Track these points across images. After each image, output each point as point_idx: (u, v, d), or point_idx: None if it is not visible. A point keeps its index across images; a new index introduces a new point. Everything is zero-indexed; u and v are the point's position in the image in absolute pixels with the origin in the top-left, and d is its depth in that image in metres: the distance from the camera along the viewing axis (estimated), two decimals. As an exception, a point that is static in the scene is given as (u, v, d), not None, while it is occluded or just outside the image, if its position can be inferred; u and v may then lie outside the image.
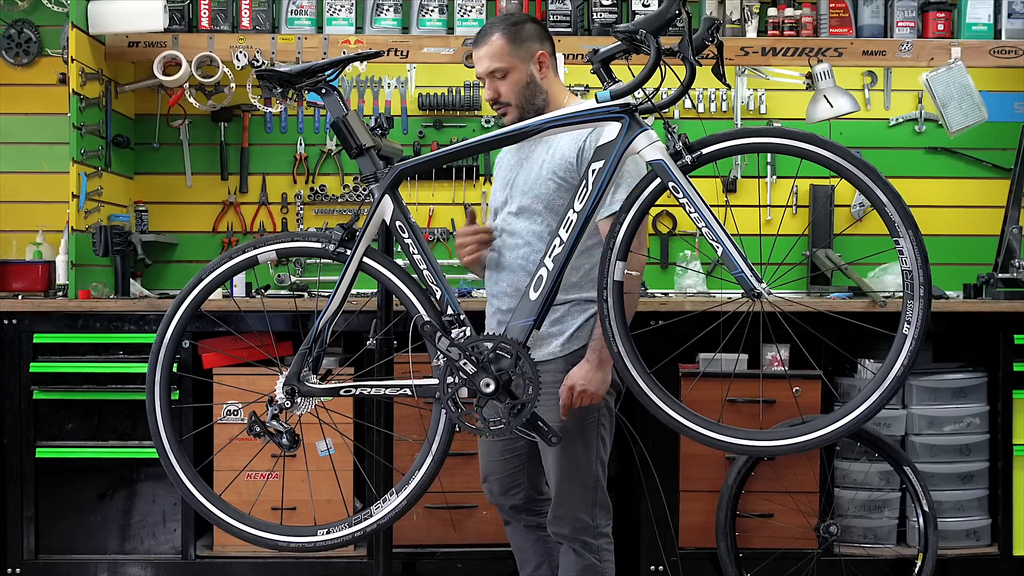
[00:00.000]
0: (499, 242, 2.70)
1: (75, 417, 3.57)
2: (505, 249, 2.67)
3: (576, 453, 2.63)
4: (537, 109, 2.61)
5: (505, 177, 2.73)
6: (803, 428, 2.13)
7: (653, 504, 3.47)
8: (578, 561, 2.66)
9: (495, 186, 2.78)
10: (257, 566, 3.50)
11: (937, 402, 3.61)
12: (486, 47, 2.61)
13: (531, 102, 2.62)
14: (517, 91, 2.61)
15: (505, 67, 2.60)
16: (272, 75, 2.26)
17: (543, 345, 2.61)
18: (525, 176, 2.66)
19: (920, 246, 2.00)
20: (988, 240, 4.02)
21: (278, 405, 2.28)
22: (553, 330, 2.61)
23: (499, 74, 2.60)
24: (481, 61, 2.62)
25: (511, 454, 2.76)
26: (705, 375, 3.39)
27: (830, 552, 3.50)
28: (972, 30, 3.99)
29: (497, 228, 2.72)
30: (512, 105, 2.62)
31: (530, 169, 2.66)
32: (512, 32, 2.61)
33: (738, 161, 4.28)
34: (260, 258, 2.31)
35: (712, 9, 4.01)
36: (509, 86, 2.61)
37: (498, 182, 2.77)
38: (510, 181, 2.70)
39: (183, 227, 4.27)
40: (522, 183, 2.66)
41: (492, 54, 2.60)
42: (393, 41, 3.98)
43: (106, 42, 3.93)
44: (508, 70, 2.60)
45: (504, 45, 2.60)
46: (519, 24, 2.65)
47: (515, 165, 2.71)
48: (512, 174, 2.71)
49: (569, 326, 2.61)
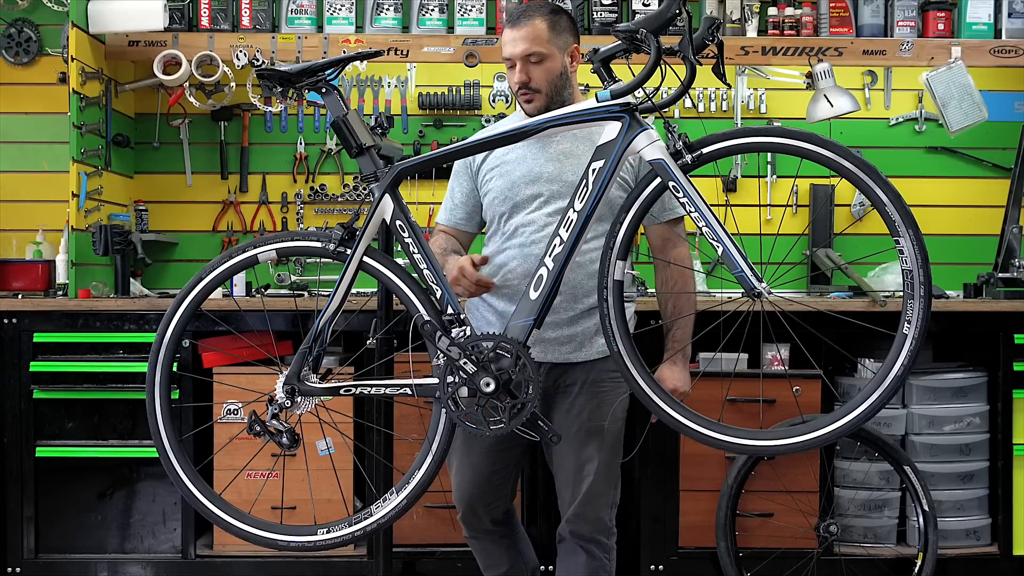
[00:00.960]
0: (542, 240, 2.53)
1: (75, 416, 3.57)
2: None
3: (614, 454, 2.65)
4: (562, 101, 2.55)
5: (530, 170, 2.59)
6: (803, 428, 2.13)
7: (653, 503, 3.47)
8: (590, 562, 2.66)
9: (511, 179, 2.62)
10: (257, 565, 3.50)
11: (937, 402, 3.61)
12: (527, 28, 2.53)
13: (559, 93, 2.57)
14: (550, 79, 2.55)
15: (544, 52, 2.54)
16: (272, 74, 2.26)
17: (591, 344, 2.59)
18: (575, 173, 2.51)
19: (920, 246, 2.00)
20: (988, 240, 4.02)
21: (278, 404, 2.28)
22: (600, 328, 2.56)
23: (535, 58, 2.53)
24: (518, 43, 2.54)
25: (501, 465, 2.70)
26: (705, 375, 3.38)
27: (830, 551, 3.50)
28: (972, 30, 3.99)
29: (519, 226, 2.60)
30: (542, 92, 2.56)
31: (579, 167, 2.44)
32: (553, 19, 2.57)
33: (738, 160, 4.28)
34: (260, 257, 2.30)
35: (712, 8, 4.01)
36: (543, 73, 2.55)
37: (517, 175, 2.61)
38: (539, 176, 2.58)
39: (183, 226, 4.27)
40: (572, 179, 2.48)
41: (533, 37, 2.53)
42: (393, 40, 3.98)
43: (106, 41, 3.93)
44: (545, 56, 2.54)
45: (546, 31, 2.54)
46: (559, 13, 2.60)
47: (546, 160, 2.59)
48: (544, 169, 2.58)
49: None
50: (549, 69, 2.55)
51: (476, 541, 2.84)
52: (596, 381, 2.60)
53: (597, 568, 2.66)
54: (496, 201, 2.66)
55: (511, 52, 2.55)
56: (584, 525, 2.65)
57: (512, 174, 2.63)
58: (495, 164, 2.67)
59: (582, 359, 2.60)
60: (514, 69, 2.56)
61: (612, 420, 2.61)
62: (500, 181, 2.65)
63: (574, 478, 2.63)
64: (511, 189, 2.62)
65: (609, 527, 2.69)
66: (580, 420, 2.59)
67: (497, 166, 2.66)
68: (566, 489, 2.66)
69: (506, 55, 2.57)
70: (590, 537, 2.65)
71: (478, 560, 2.90)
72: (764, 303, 2.09)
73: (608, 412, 2.60)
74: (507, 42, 2.57)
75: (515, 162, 2.63)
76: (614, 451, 2.66)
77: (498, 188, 2.65)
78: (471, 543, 2.87)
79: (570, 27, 2.61)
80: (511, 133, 2.22)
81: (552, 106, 2.52)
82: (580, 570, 2.66)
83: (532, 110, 2.57)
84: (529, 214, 2.59)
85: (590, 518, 2.65)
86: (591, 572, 2.66)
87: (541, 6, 2.60)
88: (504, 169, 2.65)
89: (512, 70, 2.57)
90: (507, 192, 2.63)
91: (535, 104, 2.56)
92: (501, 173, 2.65)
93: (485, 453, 2.67)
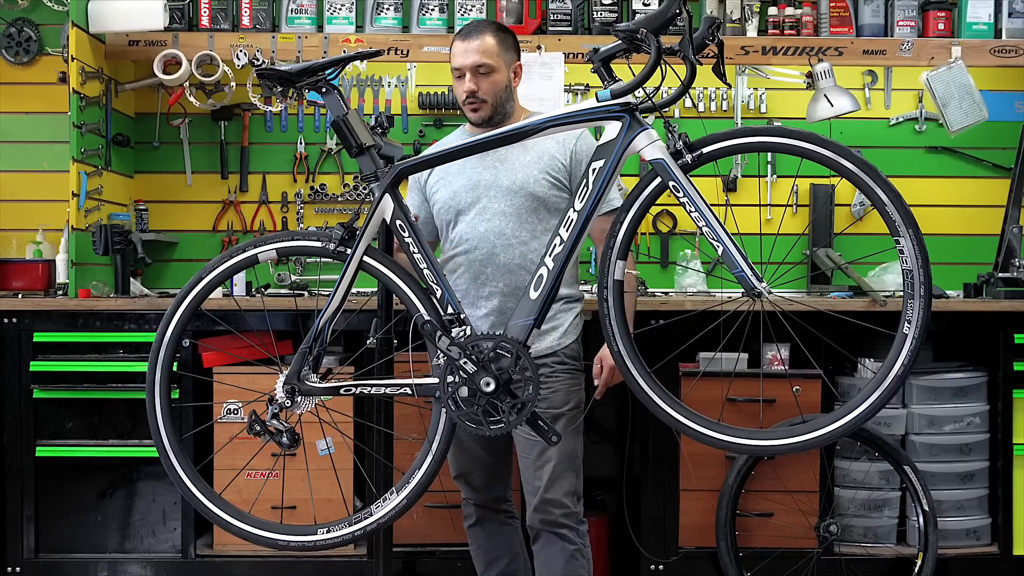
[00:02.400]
0: (483, 244, 2.73)
1: (75, 416, 3.57)
2: (498, 251, 2.72)
3: (573, 440, 2.78)
4: (504, 114, 2.78)
5: (469, 179, 2.77)
6: (803, 427, 2.13)
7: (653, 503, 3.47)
8: (565, 548, 2.74)
9: (452, 189, 2.79)
10: (257, 565, 3.50)
11: (937, 401, 3.60)
12: (478, 42, 2.73)
13: (503, 105, 2.78)
14: (496, 91, 2.75)
15: (492, 65, 2.73)
16: (272, 74, 2.26)
17: (540, 340, 2.73)
18: (509, 177, 2.74)
19: (920, 245, 2.00)
20: (988, 239, 4.02)
21: (278, 404, 2.28)
22: (546, 327, 2.71)
23: (483, 70, 2.73)
24: (469, 54, 2.72)
25: (493, 447, 2.83)
26: (705, 374, 3.39)
27: (830, 551, 3.50)
28: (972, 29, 3.98)
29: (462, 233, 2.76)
30: (488, 103, 2.75)
31: (512, 171, 2.74)
32: (501, 36, 2.78)
33: (738, 160, 4.28)
34: (260, 257, 2.31)
35: (712, 8, 4.01)
36: (490, 84, 2.74)
37: (458, 184, 2.78)
38: (477, 183, 2.75)
39: (183, 226, 4.27)
40: (507, 184, 2.73)
41: (483, 50, 2.73)
42: (393, 40, 3.98)
43: (106, 41, 3.93)
44: (494, 69, 2.74)
45: (495, 45, 2.75)
46: (506, 32, 2.82)
47: (483, 168, 2.76)
48: (481, 176, 2.76)
49: (562, 322, 2.78)
50: (496, 81, 2.75)
51: (479, 528, 2.92)
52: (546, 375, 2.71)
53: (574, 552, 2.75)
54: (442, 211, 2.83)
55: (461, 63, 2.74)
56: (551, 509, 2.73)
57: (454, 184, 2.80)
58: (439, 176, 2.84)
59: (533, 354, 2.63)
60: (463, 79, 2.75)
61: (567, 408, 2.76)
62: (444, 192, 2.82)
63: (536, 463, 2.73)
64: (454, 198, 2.79)
65: (576, 514, 2.78)
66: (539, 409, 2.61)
67: (441, 178, 2.84)
68: (529, 477, 2.77)
69: (456, 65, 2.76)
70: (560, 523, 2.74)
71: (478, 557, 2.92)
72: (764, 303, 2.09)
73: (563, 400, 2.75)
74: (457, 53, 2.76)
75: (456, 173, 2.80)
76: (573, 438, 2.78)
77: (442, 199, 2.82)
78: (473, 534, 2.92)
79: (515, 46, 2.82)
80: (511, 133, 2.23)
81: (495, 117, 2.76)
82: (557, 557, 2.73)
83: (477, 119, 2.77)
84: (471, 221, 2.76)
85: (557, 504, 2.73)
86: (568, 557, 2.73)
87: (490, 23, 2.82)
88: (447, 180, 2.82)
89: (460, 80, 2.76)
90: (450, 201, 2.80)
91: (480, 113, 2.76)
92: (444, 184, 2.83)
93: (474, 438, 2.78)
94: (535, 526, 2.77)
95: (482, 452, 2.85)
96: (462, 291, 2.75)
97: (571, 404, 2.79)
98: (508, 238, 2.72)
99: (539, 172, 2.74)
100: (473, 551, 2.98)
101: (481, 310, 2.75)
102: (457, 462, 2.88)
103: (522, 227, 2.73)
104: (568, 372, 2.80)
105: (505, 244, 2.72)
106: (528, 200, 2.73)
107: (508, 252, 2.72)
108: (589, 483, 3.34)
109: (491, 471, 2.88)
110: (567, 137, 2.76)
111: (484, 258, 2.73)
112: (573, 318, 2.83)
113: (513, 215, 2.73)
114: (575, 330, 2.84)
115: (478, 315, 2.74)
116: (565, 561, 2.73)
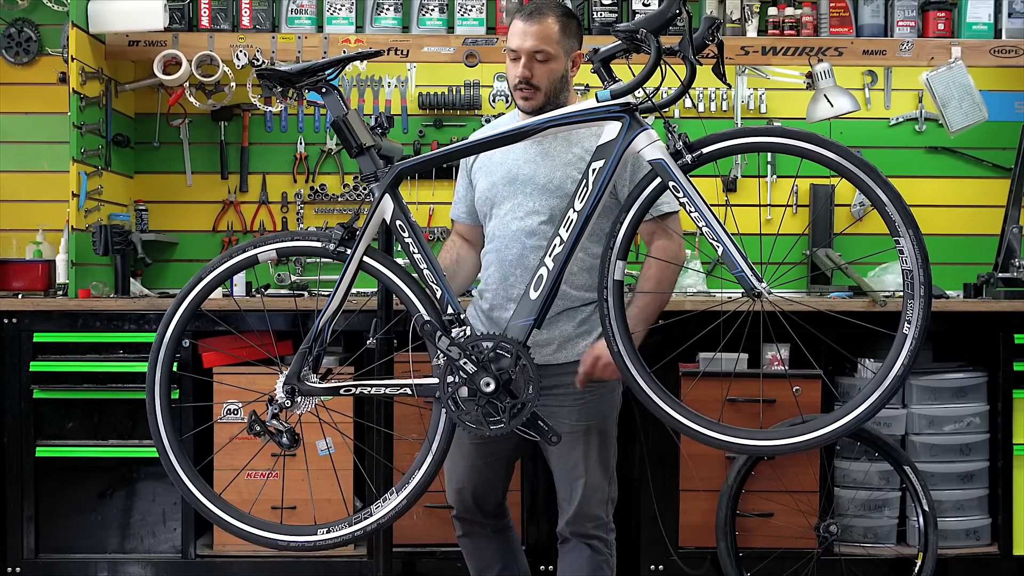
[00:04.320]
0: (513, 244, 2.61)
1: (75, 416, 3.57)
2: (527, 251, 2.59)
3: (605, 447, 2.69)
4: (558, 104, 2.54)
5: (508, 171, 2.62)
6: (803, 428, 2.13)
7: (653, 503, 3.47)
8: (593, 557, 2.68)
9: (491, 180, 2.66)
10: (257, 565, 3.50)
11: (937, 402, 3.60)
12: (540, 25, 2.53)
13: (557, 95, 2.58)
14: (551, 80, 2.56)
15: (551, 52, 2.54)
16: (272, 74, 2.25)
17: (572, 346, 2.62)
18: (547, 175, 2.58)
19: (920, 246, 1.99)
20: (988, 240, 4.02)
21: (278, 404, 2.28)
22: (581, 330, 2.62)
23: (541, 56, 2.53)
24: (528, 37, 2.53)
25: (492, 458, 2.74)
26: (705, 375, 3.39)
27: (830, 551, 3.50)
28: (972, 30, 3.98)
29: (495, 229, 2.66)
30: (542, 91, 2.56)
31: (552, 168, 2.58)
32: (565, 21, 2.57)
33: (738, 160, 4.28)
34: (260, 257, 2.30)
35: (712, 8, 4.01)
36: (546, 72, 2.55)
37: (497, 175, 2.64)
38: (515, 177, 2.61)
39: (183, 226, 4.27)
40: (544, 181, 2.58)
41: (544, 35, 2.53)
42: (393, 40, 3.98)
43: (106, 41, 3.93)
44: (552, 56, 2.54)
45: (557, 31, 2.55)
46: (571, 17, 2.61)
47: (524, 161, 2.61)
48: (521, 170, 2.61)
49: (596, 326, 2.60)
50: (552, 70, 2.55)
51: (469, 539, 2.86)
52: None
53: (601, 563, 2.69)
54: (480, 201, 2.72)
55: (519, 44, 2.54)
56: (584, 523, 2.68)
57: (494, 174, 2.66)
58: (482, 164, 2.71)
59: (563, 360, 2.61)
60: (517, 62, 2.55)
61: (600, 419, 2.67)
62: (484, 181, 2.69)
63: (569, 478, 2.67)
64: (491, 189, 2.67)
65: (607, 523, 2.72)
66: (569, 422, 2.60)
67: (483, 166, 2.70)
68: (563, 489, 2.70)
69: (513, 46, 2.55)
70: (592, 534, 2.68)
71: (470, 565, 2.91)
72: (764, 303, 2.08)
73: (595, 411, 2.65)
74: (516, 34, 2.55)
75: (499, 162, 2.66)
76: (605, 448, 2.70)
77: (482, 188, 2.70)
78: (463, 544, 2.89)
79: (578, 32, 2.61)
80: (511, 133, 2.22)
81: (547, 107, 2.52)
82: (584, 565, 2.69)
83: (528, 107, 2.57)
84: (504, 217, 2.64)
85: (589, 516, 2.67)
86: (595, 567, 2.68)
87: (556, 5, 2.59)
88: (488, 169, 2.68)
89: (515, 63, 2.56)
90: (488, 193, 2.68)
91: (532, 102, 2.56)
92: (486, 173, 2.69)
93: (475, 445, 2.71)
94: (565, 534, 2.72)
95: (480, 462, 2.75)
96: (491, 291, 2.65)
97: (607, 412, 2.69)
98: (539, 239, 2.56)
99: (578, 172, 2.52)
100: (466, 558, 2.96)
101: (509, 311, 2.49)
102: (456, 473, 2.77)
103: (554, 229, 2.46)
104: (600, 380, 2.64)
105: (535, 246, 2.56)
106: (563, 201, 2.51)
107: (538, 254, 2.46)
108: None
109: (487, 482, 2.78)
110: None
111: (514, 259, 2.60)
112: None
113: (547, 215, 2.58)
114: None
115: (507, 317, 2.46)
116: (592, 570, 2.68)
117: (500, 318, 2.61)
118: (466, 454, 2.74)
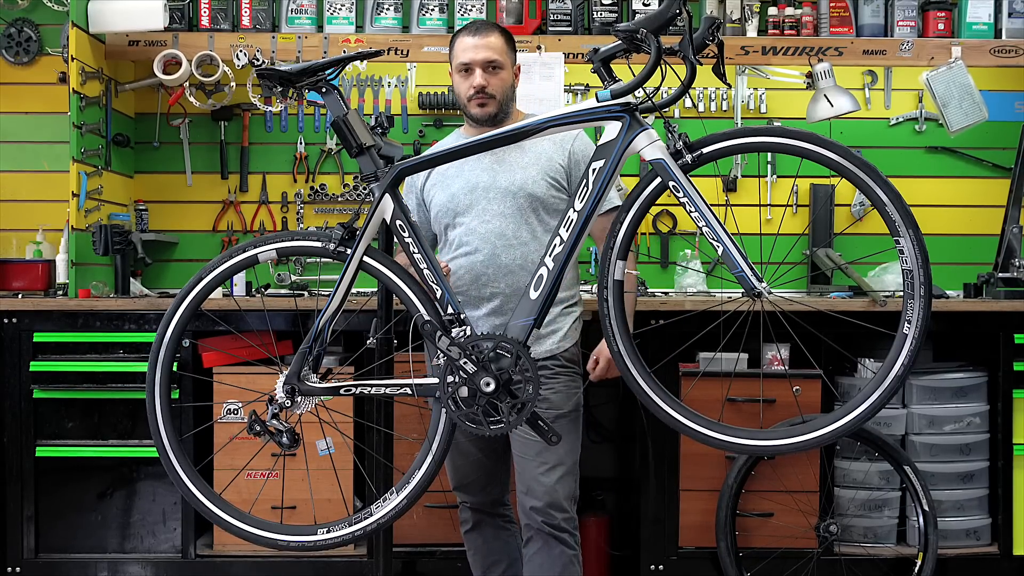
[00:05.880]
0: (484, 246, 2.73)
1: (75, 416, 3.57)
2: (499, 251, 2.72)
3: (574, 443, 2.79)
4: (506, 113, 2.79)
5: (467, 181, 2.77)
6: (803, 427, 2.13)
7: (653, 503, 3.47)
8: (564, 552, 2.74)
9: (450, 192, 2.79)
10: (257, 565, 3.50)
11: (937, 401, 3.60)
12: (489, 39, 2.76)
13: (507, 104, 2.80)
14: (503, 89, 2.77)
15: (502, 63, 2.77)
16: (272, 74, 2.26)
17: (538, 344, 2.73)
18: (507, 178, 2.75)
19: (920, 245, 2.00)
20: (988, 240, 4.02)
21: (278, 404, 2.28)
22: (545, 331, 2.73)
23: (493, 67, 2.75)
24: (480, 50, 2.74)
25: (490, 449, 2.83)
26: (705, 374, 3.39)
27: (830, 551, 3.49)
28: (972, 29, 3.99)
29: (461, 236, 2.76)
30: (496, 99, 2.76)
31: (511, 172, 2.75)
32: (507, 37, 2.82)
33: (738, 160, 4.28)
34: (260, 257, 2.31)
35: (712, 8, 4.01)
36: (499, 82, 2.76)
37: (456, 186, 2.78)
38: (475, 185, 2.76)
39: (183, 226, 4.27)
40: (505, 185, 2.74)
41: (495, 48, 2.76)
42: (393, 40, 3.98)
43: (106, 41, 3.93)
44: (503, 67, 2.77)
45: (504, 44, 2.80)
46: (509, 34, 2.84)
47: (481, 170, 2.76)
48: (480, 178, 2.76)
49: (561, 326, 2.79)
50: (504, 79, 2.78)
51: (476, 533, 2.91)
52: (546, 378, 2.69)
53: (573, 557, 2.75)
54: (440, 214, 2.83)
55: (472, 58, 2.74)
56: (555, 515, 2.73)
57: (451, 187, 2.80)
58: (436, 180, 2.84)
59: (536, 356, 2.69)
60: (471, 74, 2.75)
61: (568, 410, 2.76)
62: (441, 195, 2.82)
63: (537, 469, 2.72)
64: (451, 200, 2.79)
65: (575, 519, 2.78)
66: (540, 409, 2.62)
67: (438, 182, 2.84)
68: (529, 481, 2.74)
69: (465, 60, 2.75)
70: (562, 527, 2.73)
71: (475, 562, 2.92)
72: (764, 303, 2.09)
73: (561, 402, 2.75)
74: (467, 48, 2.76)
75: (453, 176, 2.80)
76: (573, 442, 2.79)
77: (440, 201, 2.82)
78: (470, 539, 2.92)
79: (514, 48, 2.85)
80: (512, 133, 2.22)
81: (499, 115, 2.77)
82: (555, 563, 2.72)
83: (484, 115, 2.77)
84: (470, 223, 2.76)
85: (558, 508, 2.73)
86: (568, 561, 2.74)
87: (494, 23, 2.85)
88: (444, 183, 2.82)
89: (468, 75, 2.76)
90: (448, 204, 2.80)
91: (488, 108, 2.76)
92: (441, 187, 2.82)
93: (471, 440, 2.79)
94: (535, 527, 2.74)
95: (479, 454, 2.84)
96: (462, 292, 2.75)
97: (571, 406, 2.79)
98: (509, 239, 2.73)
99: (537, 173, 2.75)
100: (470, 556, 2.97)
101: (481, 310, 2.75)
102: (456, 469, 2.87)
103: (522, 228, 2.73)
104: (567, 375, 2.80)
105: (506, 245, 2.73)
106: (527, 201, 2.73)
107: (509, 253, 2.72)
108: (589, 483, 3.36)
109: (489, 474, 2.87)
110: (564, 138, 2.77)
111: (486, 260, 2.73)
112: (572, 322, 2.84)
113: (513, 216, 2.73)
114: (574, 333, 2.84)
115: (478, 315, 2.74)
116: (563, 566, 2.72)
117: (472, 316, 2.72)
118: (464, 450, 2.83)
